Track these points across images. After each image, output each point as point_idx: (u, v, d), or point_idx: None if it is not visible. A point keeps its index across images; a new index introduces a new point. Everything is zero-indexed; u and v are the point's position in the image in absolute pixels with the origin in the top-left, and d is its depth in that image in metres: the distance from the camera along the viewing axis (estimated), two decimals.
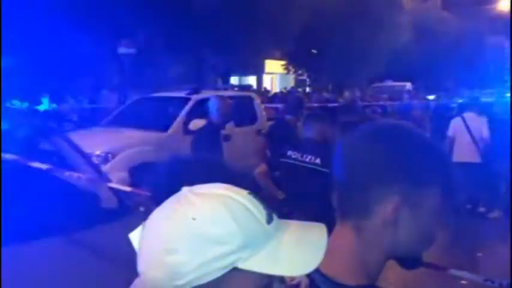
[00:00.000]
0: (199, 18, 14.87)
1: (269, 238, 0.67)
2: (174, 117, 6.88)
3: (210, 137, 3.99)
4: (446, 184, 0.85)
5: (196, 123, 6.41)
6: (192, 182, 0.73)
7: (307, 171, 3.20)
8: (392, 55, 20.98)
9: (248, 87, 18.92)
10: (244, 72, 24.19)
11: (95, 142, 5.78)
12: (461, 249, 5.18)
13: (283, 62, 24.21)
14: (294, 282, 0.84)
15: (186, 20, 14.79)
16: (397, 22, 21.78)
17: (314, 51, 22.05)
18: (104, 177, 2.76)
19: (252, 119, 7.93)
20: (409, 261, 0.89)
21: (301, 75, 25.13)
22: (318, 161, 3.19)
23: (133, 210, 2.68)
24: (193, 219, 0.64)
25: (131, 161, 5.84)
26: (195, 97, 7.24)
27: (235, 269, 0.65)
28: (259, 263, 0.65)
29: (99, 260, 2.38)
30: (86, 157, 3.00)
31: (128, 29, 13.01)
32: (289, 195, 3.28)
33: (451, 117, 8.00)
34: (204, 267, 0.64)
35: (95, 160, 5.10)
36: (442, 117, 10.35)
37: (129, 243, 0.79)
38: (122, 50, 12.16)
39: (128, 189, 2.48)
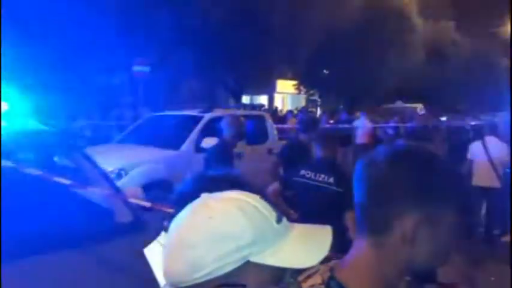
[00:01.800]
0: (213, 37, 15.08)
1: (279, 235, 0.75)
2: (187, 135, 6.94)
3: (223, 155, 4.02)
4: (463, 205, 0.89)
5: (208, 141, 6.47)
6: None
7: (320, 190, 3.21)
8: (404, 76, 21.00)
9: (260, 107, 19.02)
10: (256, 91, 24.38)
11: (108, 159, 5.84)
12: (471, 270, 5.12)
13: (294, 82, 24.37)
14: None
15: (200, 38, 15.01)
16: (407, 42, 21.85)
17: (326, 71, 22.18)
18: (121, 194, 2.80)
19: (264, 138, 7.98)
20: (423, 277, 0.93)
21: (312, 95, 25.23)
22: (331, 180, 3.21)
23: (148, 225, 2.72)
24: (210, 218, 0.74)
25: (144, 178, 5.90)
26: (207, 115, 7.32)
27: (248, 262, 0.73)
28: (269, 257, 0.73)
29: (113, 274, 2.41)
30: (104, 173, 3.06)
31: (142, 47, 13.23)
32: (301, 214, 3.29)
33: (466, 140, 7.95)
34: (220, 260, 0.72)
35: None
36: (456, 139, 10.32)
37: (142, 257, 0.87)
38: (136, 67, 12.35)
39: (147, 204, 2.52)
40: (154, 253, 2.48)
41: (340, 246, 0.90)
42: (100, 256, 2.44)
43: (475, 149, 6.56)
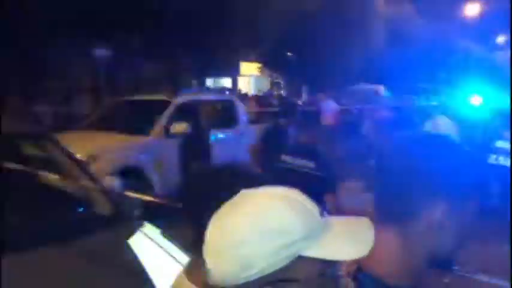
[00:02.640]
0: (175, 19, 14.76)
1: (324, 229, 0.75)
2: (155, 121, 6.79)
3: (199, 142, 3.97)
4: (483, 190, 0.91)
5: (178, 127, 6.37)
6: (221, 189, 0.80)
7: (301, 175, 3.21)
8: (367, 58, 21.32)
9: (226, 90, 18.87)
10: (219, 74, 24.15)
11: (75, 146, 5.64)
12: None
13: (258, 65, 24.28)
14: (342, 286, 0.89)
15: (161, 20, 14.66)
16: (370, 24, 22.15)
17: (290, 54, 22.20)
18: (98, 183, 2.70)
19: (233, 122, 7.91)
20: (444, 262, 0.93)
21: (276, 77, 25.25)
22: (311, 164, 3.21)
23: (129, 215, 2.64)
24: (258, 214, 0.72)
25: (114, 165, 5.74)
26: (176, 100, 7.17)
27: (298, 258, 0.73)
28: (318, 250, 0.73)
29: (96, 267, 2.33)
30: (78, 162, 2.93)
31: (102, 31, 12.79)
32: None
33: (422, 120, 8.19)
34: (273, 256, 0.71)
35: None
36: (413, 119, 10.56)
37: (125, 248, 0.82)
38: (97, 51, 11.94)
39: (148, 198, 2.45)
40: (140, 244, 2.41)
41: None
42: (81, 249, 2.35)
43: (427, 128, 6.76)
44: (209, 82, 23.54)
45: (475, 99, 10.18)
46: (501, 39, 48.17)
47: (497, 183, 7.58)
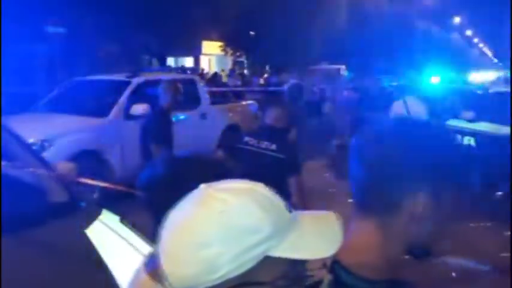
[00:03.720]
0: None
1: (293, 226, 0.70)
2: (114, 102, 6.56)
3: (161, 123, 3.85)
4: (463, 175, 0.88)
5: (138, 108, 6.19)
6: (185, 178, 0.78)
7: (263, 157, 3.18)
8: (329, 37, 21.43)
9: (188, 69, 18.53)
10: (181, 53, 23.71)
11: (28, 129, 5.38)
12: None
13: (220, 43, 23.96)
14: (316, 279, 0.85)
15: None
16: (333, 4, 22.22)
17: (252, 32, 22.01)
18: (52, 170, 2.56)
19: (196, 102, 7.78)
20: (423, 252, 0.91)
21: (239, 56, 25.04)
22: (273, 147, 3.18)
23: (86, 203, 2.53)
24: (223, 212, 0.66)
25: (70, 149, 5.52)
26: (135, 80, 6.95)
27: (267, 258, 0.67)
28: (288, 250, 0.68)
29: (52, 258, 2.22)
30: (28, 147, 2.77)
31: (57, 9, 12.19)
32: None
33: (387, 100, 8.34)
34: (240, 258, 0.65)
35: None
36: (378, 99, 10.76)
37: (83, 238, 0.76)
38: (50, 29, 11.38)
39: (104, 185, 2.33)
40: (98, 232, 2.31)
41: None
42: (36, 240, 2.23)
43: (397, 108, 6.88)
44: (170, 61, 23.09)
45: (434, 79, 10.44)
46: (457, 20, 49.65)
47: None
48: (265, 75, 18.56)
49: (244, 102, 9.93)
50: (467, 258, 2.69)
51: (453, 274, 4.09)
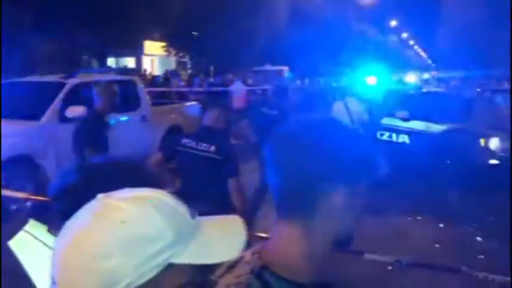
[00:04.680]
0: None
1: (195, 232, 0.70)
2: (48, 104, 6.28)
3: (95, 126, 3.73)
4: (376, 167, 0.90)
5: (74, 110, 5.96)
6: (102, 188, 0.72)
7: (201, 159, 3.16)
8: (271, 39, 21.65)
9: (133, 71, 18.05)
10: (122, 53, 23.09)
11: None
12: None
13: (163, 44, 23.55)
14: (242, 287, 0.82)
15: None
16: (275, 6, 22.46)
17: (195, 33, 21.81)
18: None
19: (135, 104, 7.60)
20: (343, 243, 0.92)
21: (182, 57, 24.73)
22: (212, 148, 3.17)
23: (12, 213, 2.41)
24: (122, 222, 0.64)
25: (2, 155, 5.21)
26: (71, 81, 6.69)
27: (170, 265, 0.66)
28: (192, 256, 0.68)
29: None
30: None
31: None
32: (184, 184, 3.22)
33: (328, 100, 8.58)
34: (141, 268, 0.64)
35: None
36: (319, 99, 11.01)
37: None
38: None
39: (21, 195, 2.21)
40: (22, 245, 2.20)
41: (223, 213, 0.85)
42: None
43: (337, 108, 7.05)
44: (111, 62, 22.42)
45: (371, 80, 10.83)
46: (393, 23, 51.82)
47: (385, 158, 8.18)
48: (202, 76, 18.41)
49: (187, 103, 9.82)
50: (388, 254, 2.79)
51: (389, 268, 4.28)
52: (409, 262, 2.03)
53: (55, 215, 0.99)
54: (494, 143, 7.75)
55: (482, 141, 7.80)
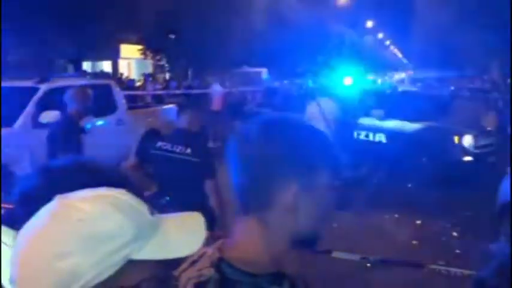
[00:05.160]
0: None
1: (155, 228, 0.71)
2: (21, 110, 6.16)
3: (68, 131, 3.67)
4: (333, 164, 0.93)
5: (48, 116, 5.86)
6: (68, 189, 0.71)
7: (178, 162, 3.15)
8: (249, 41, 21.67)
9: (106, 74, 17.81)
10: (97, 57, 22.79)
11: None
12: None
13: (140, 47, 23.34)
14: (203, 279, 0.86)
15: None
16: (252, 8, 22.50)
17: (171, 36, 21.68)
18: None
19: (111, 108, 7.51)
20: (308, 242, 0.94)
21: (159, 60, 24.55)
22: (188, 151, 3.16)
23: None
24: (80, 220, 0.65)
25: None
26: (44, 86, 6.58)
27: (130, 262, 0.68)
28: (151, 252, 0.69)
29: None
30: None
31: None
32: (161, 187, 3.20)
33: (304, 101, 8.64)
34: (101, 264, 0.65)
35: None
36: (296, 100, 11.09)
37: None
38: None
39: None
40: None
41: (203, 215, 0.87)
42: None
43: (311, 109, 7.11)
44: (86, 66, 22.11)
45: (347, 80, 10.96)
46: (369, 24, 52.47)
47: (363, 156, 8.32)
48: (180, 79, 18.32)
49: (165, 106, 9.76)
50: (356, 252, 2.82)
51: (368, 265, 4.33)
52: (376, 259, 2.07)
53: (20, 220, 0.96)
54: (467, 140, 7.92)
55: (456, 139, 7.96)
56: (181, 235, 0.73)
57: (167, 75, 23.90)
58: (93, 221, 0.65)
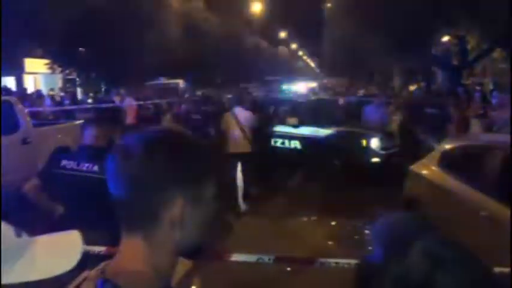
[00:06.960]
0: None
1: (22, 251, 0.70)
2: None
3: None
4: (217, 178, 0.93)
5: None
6: None
7: (84, 181, 2.96)
8: (164, 53, 21.36)
9: (11, 91, 16.57)
10: None
11: None
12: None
13: (47, 61, 22.04)
14: None
15: None
16: (164, 20, 22.24)
17: (81, 49, 20.76)
18: None
19: (14, 126, 7.00)
20: (193, 252, 0.94)
21: (69, 74, 23.36)
22: (95, 168, 2.99)
23: None
24: None
25: None
26: None
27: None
28: (18, 274, 0.68)
29: None
30: None
31: None
32: (67, 208, 3.01)
33: (222, 111, 8.71)
34: None
35: None
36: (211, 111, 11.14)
37: None
38: None
39: None
40: None
41: (111, 235, 0.83)
42: None
43: (227, 119, 7.17)
44: None
45: (263, 90, 11.25)
46: (283, 35, 54.08)
47: (281, 163, 8.55)
48: (92, 93, 17.60)
49: (75, 122, 9.27)
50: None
51: (288, 268, 4.43)
52: (271, 258, 2.13)
53: None
54: (374, 143, 8.43)
55: (364, 142, 8.44)
56: (51, 256, 0.71)
57: (78, 90, 22.82)
58: None
